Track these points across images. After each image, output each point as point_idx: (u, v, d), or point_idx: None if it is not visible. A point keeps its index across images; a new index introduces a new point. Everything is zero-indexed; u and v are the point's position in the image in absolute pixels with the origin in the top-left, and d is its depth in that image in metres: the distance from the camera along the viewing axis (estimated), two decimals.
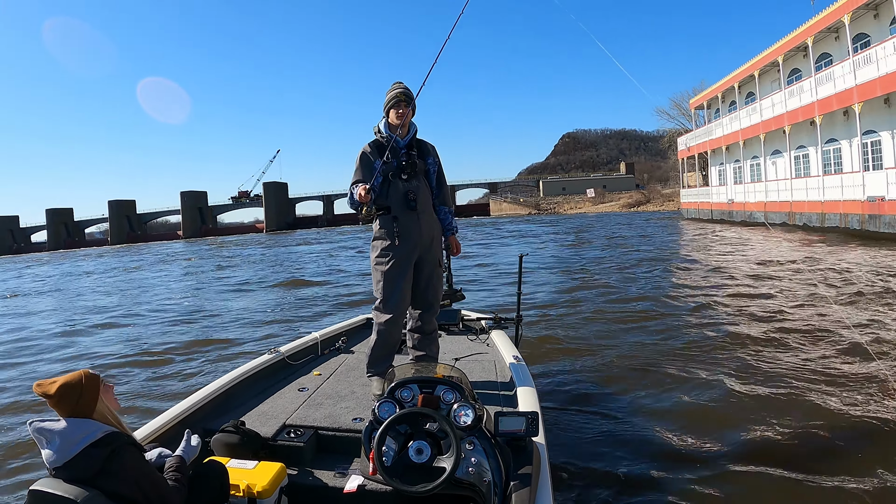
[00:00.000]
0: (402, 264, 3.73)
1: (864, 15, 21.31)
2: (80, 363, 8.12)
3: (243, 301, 13.83)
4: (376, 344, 3.81)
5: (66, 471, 2.01)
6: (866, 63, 19.42)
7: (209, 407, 3.34)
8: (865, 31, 21.76)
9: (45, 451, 2.03)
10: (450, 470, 2.26)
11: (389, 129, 3.76)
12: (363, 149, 3.78)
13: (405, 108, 3.69)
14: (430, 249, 3.83)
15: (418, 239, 3.74)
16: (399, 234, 3.71)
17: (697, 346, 6.95)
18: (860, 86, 19.77)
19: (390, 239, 3.72)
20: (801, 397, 5.03)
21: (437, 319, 4.02)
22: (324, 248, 34.61)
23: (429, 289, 3.88)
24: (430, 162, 3.88)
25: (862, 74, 19.62)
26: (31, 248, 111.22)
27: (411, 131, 3.82)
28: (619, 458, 4.22)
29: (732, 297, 9.79)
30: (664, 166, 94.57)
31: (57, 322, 12.57)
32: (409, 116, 3.75)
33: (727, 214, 32.63)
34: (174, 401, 4.03)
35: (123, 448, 2.08)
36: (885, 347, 6.25)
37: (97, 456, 2.02)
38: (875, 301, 8.50)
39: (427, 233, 3.78)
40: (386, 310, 3.75)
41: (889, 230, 17.63)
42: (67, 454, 2.01)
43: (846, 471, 3.73)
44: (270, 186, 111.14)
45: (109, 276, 26.18)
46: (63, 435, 2.02)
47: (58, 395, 2.07)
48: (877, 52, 18.79)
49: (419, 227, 3.74)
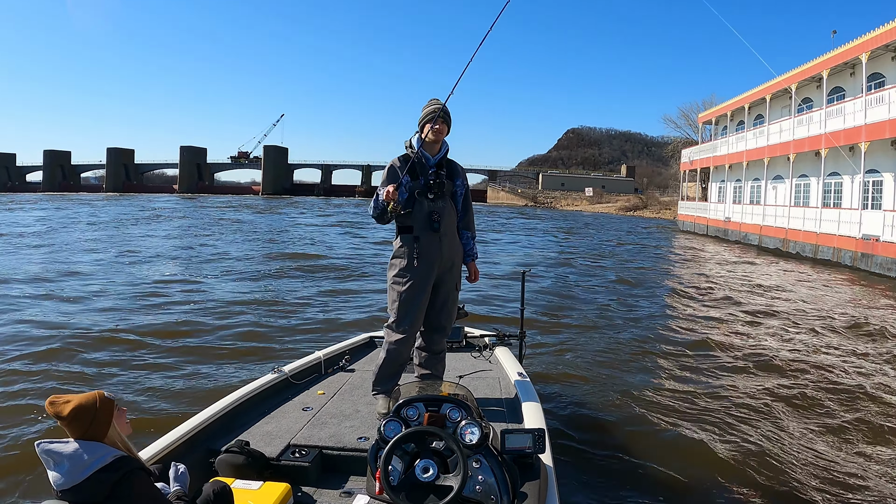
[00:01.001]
0: (420, 286, 3.66)
1: (882, 56, 21.50)
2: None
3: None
4: (385, 362, 3.76)
5: (74, 494, 1.98)
6: (878, 103, 19.63)
7: (213, 427, 3.32)
8: (881, 72, 21.96)
9: (53, 474, 1.99)
10: (457, 488, 2.25)
11: (423, 145, 3.68)
12: (392, 161, 3.72)
13: (442, 124, 3.62)
14: (449, 272, 3.76)
15: (438, 261, 3.67)
16: (419, 255, 3.64)
17: (705, 364, 7.15)
18: (869, 125, 20.00)
19: (409, 259, 3.65)
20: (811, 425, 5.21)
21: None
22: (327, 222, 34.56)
23: (443, 311, 3.82)
24: (458, 184, 3.79)
25: (872, 114, 19.83)
26: (27, 187, 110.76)
27: (443, 150, 3.74)
28: (629, 474, 4.25)
29: (739, 325, 9.93)
30: (665, 173, 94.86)
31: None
32: (444, 134, 3.69)
33: (722, 232, 32.97)
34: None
35: (133, 473, 2.05)
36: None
37: (106, 481, 1.99)
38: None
39: (448, 256, 3.71)
40: (399, 330, 3.70)
41: (880, 271, 17.98)
42: (76, 478, 1.97)
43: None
44: (271, 150, 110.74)
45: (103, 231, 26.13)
46: (72, 458, 1.99)
47: (70, 417, 2.03)
48: (889, 95, 19.01)
49: (440, 249, 3.66)
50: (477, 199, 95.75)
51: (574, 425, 5.25)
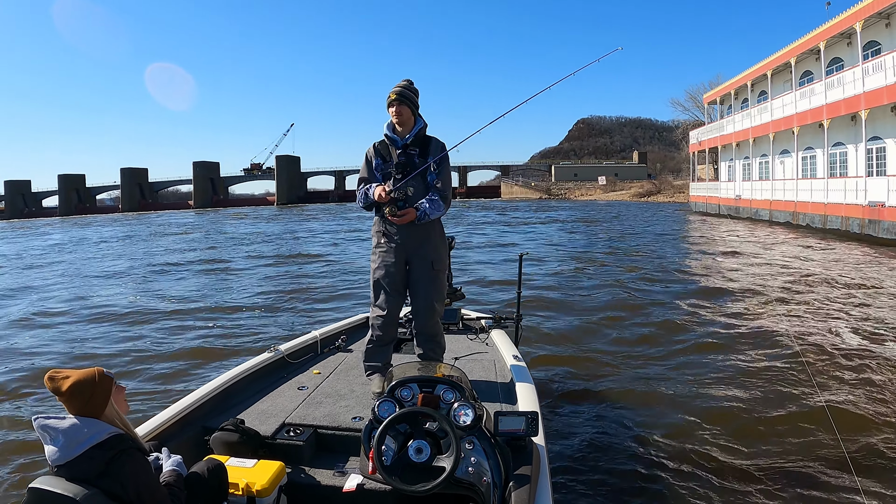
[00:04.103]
0: (389, 262, 3.75)
1: (877, 23, 21.60)
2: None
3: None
4: (369, 339, 3.87)
5: (68, 469, 1.99)
6: (875, 71, 19.77)
7: (208, 405, 3.34)
8: (877, 39, 22.06)
9: (49, 448, 2.00)
10: (449, 469, 2.27)
11: (393, 129, 3.76)
12: (368, 148, 3.83)
13: (400, 107, 3.66)
14: (419, 249, 3.77)
15: (406, 238, 3.73)
16: (386, 232, 3.75)
17: (703, 348, 7.09)
18: (868, 93, 20.15)
19: (378, 238, 3.79)
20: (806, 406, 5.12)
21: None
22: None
23: (418, 289, 3.80)
24: (430, 160, 3.77)
25: (870, 82, 19.98)
26: (42, 212, 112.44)
27: (415, 129, 3.74)
28: (619, 459, 4.30)
29: (747, 307, 9.64)
30: (677, 157, 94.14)
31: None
32: (409, 114, 3.70)
33: (734, 210, 33.02)
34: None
35: (128, 452, 2.05)
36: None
37: (101, 458, 2.00)
38: None
39: (415, 233, 3.73)
40: (376, 306, 3.83)
41: (888, 235, 18.14)
42: (71, 453, 1.98)
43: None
44: (283, 160, 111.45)
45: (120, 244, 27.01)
46: (68, 433, 1.99)
47: (69, 393, 2.04)
48: (885, 61, 19.14)
49: (407, 227, 3.70)
50: (491, 194, 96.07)
51: (568, 409, 5.29)
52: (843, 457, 4.07)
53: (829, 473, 4.03)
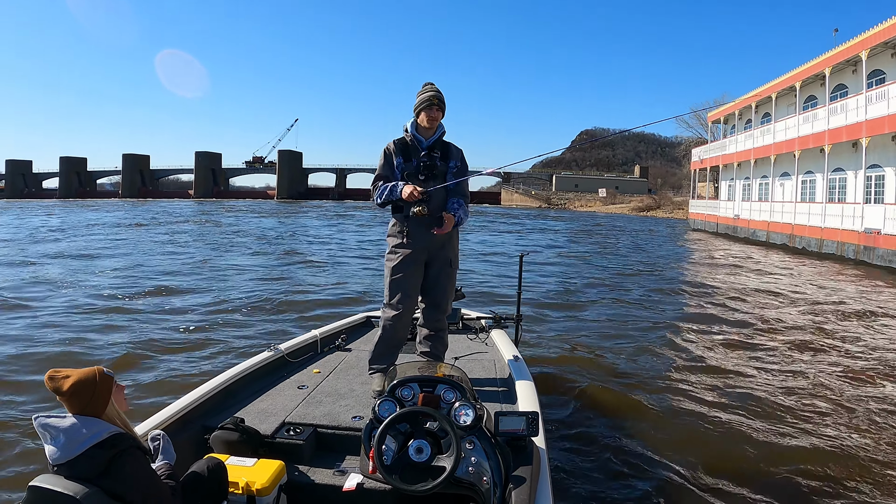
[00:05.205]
0: (409, 263, 3.76)
1: (882, 53, 21.83)
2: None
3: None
4: (380, 340, 3.84)
5: (68, 468, 1.98)
6: (878, 99, 19.98)
7: (208, 404, 3.33)
8: (882, 69, 22.28)
9: (49, 447, 2.00)
10: (449, 469, 2.26)
11: (417, 129, 3.78)
12: (387, 145, 3.83)
13: (437, 112, 3.70)
14: (440, 250, 3.84)
15: (428, 239, 3.75)
16: (409, 233, 3.75)
17: (705, 352, 7.19)
18: (870, 121, 20.36)
19: (400, 238, 3.78)
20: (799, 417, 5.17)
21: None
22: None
23: (436, 287, 3.88)
24: (451, 165, 3.84)
25: (873, 110, 20.19)
26: (43, 193, 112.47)
27: (437, 133, 3.81)
28: (619, 459, 4.32)
29: (742, 314, 9.92)
30: (679, 173, 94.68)
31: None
32: (438, 120, 3.76)
33: (732, 230, 33.25)
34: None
35: (129, 451, 2.05)
36: None
37: (101, 457, 1.99)
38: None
39: (440, 235, 3.76)
40: (391, 307, 3.80)
41: (881, 263, 18.34)
42: (71, 452, 1.98)
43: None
44: (285, 154, 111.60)
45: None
46: (68, 433, 1.99)
47: (70, 392, 2.03)
48: (888, 91, 19.36)
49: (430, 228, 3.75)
50: (491, 201, 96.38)
51: (568, 409, 5.33)
52: (843, 470, 4.15)
53: (827, 479, 4.09)
